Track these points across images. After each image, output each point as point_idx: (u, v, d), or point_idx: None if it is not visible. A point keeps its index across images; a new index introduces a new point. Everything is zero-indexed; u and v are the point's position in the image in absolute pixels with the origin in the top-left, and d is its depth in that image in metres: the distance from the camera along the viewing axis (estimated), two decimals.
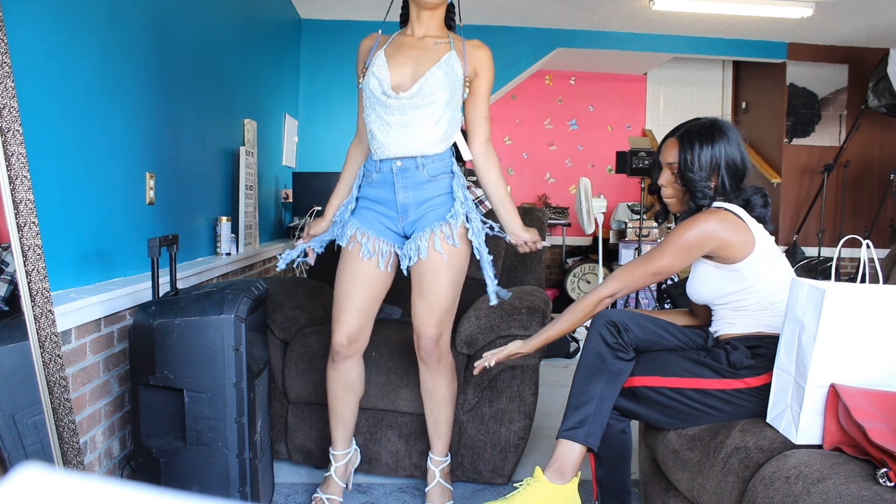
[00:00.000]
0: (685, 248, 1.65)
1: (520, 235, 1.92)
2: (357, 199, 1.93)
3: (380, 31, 1.90)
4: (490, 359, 1.83)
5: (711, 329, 1.77)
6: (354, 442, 2.13)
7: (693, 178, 1.70)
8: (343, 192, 1.99)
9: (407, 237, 1.91)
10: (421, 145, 1.83)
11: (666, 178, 1.78)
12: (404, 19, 1.94)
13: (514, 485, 1.73)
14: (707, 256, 1.69)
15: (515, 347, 1.83)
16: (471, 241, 1.89)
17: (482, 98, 1.92)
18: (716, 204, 1.70)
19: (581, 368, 1.69)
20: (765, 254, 1.64)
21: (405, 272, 1.90)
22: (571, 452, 1.65)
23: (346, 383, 1.99)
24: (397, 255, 1.91)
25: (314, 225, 2.02)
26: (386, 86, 1.79)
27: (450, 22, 1.93)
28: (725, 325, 1.72)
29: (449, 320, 1.95)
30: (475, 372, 1.88)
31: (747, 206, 1.70)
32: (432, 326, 1.90)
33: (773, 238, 1.71)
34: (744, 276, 1.64)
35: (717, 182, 1.71)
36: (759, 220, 1.69)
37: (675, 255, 1.66)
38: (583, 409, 1.64)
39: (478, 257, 1.89)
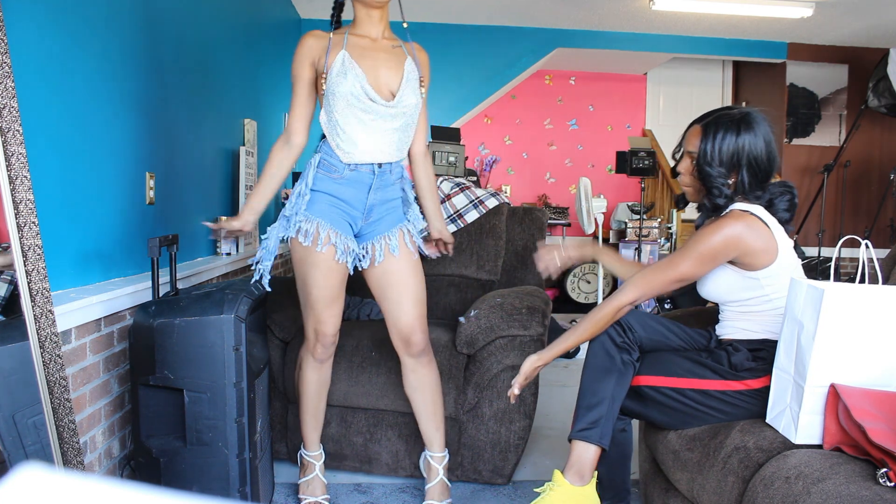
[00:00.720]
0: (709, 255, 1.58)
1: (442, 231, 2.04)
2: (312, 191, 1.85)
3: (331, 34, 1.83)
4: (515, 386, 1.78)
5: (717, 332, 1.76)
6: None
7: (710, 174, 1.61)
8: (266, 196, 1.90)
9: (356, 236, 1.92)
10: (401, 152, 1.89)
11: (685, 167, 1.70)
12: (338, 20, 1.91)
13: (536, 490, 1.72)
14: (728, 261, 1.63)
15: (531, 364, 1.76)
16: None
17: (424, 101, 1.94)
18: (739, 206, 1.61)
19: (590, 367, 1.67)
20: (785, 262, 1.59)
21: (358, 269, 1.91)
22: (588, 453, 1.63)
23: (326, 382, 2.05)
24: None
25: (230, 221, 1.90)
26: (369, 90, 1.77)
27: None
28: (731, 329, 1.70)
29: (426, 318, 2.00)
30: (512, 401, 1.83)
31: (770, 207, 1.62)
32: (420, 322, 1.94)
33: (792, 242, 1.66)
34: (761, 285, 1.60)
35: (736, 180, 1.63)
36: (782, 222, 1.62)
37: (698, 261, 1.59)
38: (595, 409, 1.63)
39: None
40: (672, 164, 1.78)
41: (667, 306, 4.65)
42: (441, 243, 2.06)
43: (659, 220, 5.36)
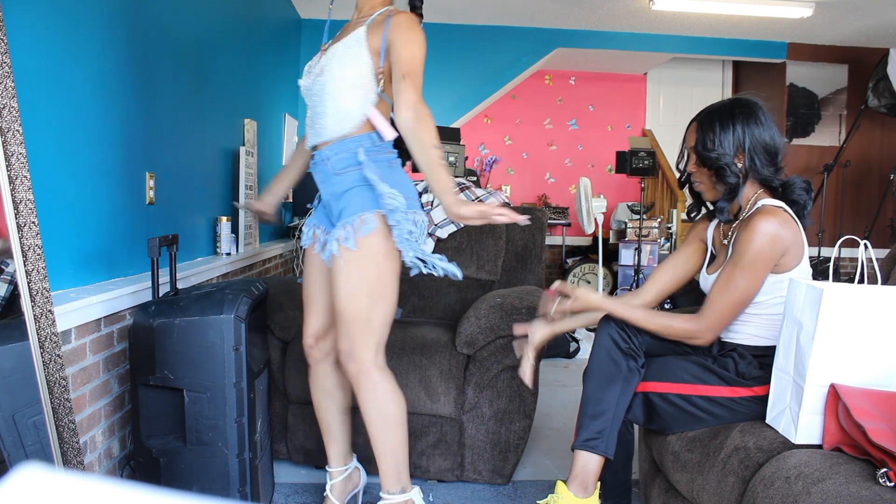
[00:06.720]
0: (763, 263, 1.52)
1: (455, 213, 1.51)
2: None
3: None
4: (528, 355, 1.74)
5: (722, 334, 1.72)
6: (356, 459, 2.04)
7: (714, 157, 1.59)
8: (287, 179, 2.02)
9: None
10: (324, 130, 1.69)
11: (692, 164, 1.68)
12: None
13: (538, 502, 1.71)
14: None
15: (541, 334, 1.74)
16: (386, 244, 1.64)
17: (399, 62, 1.60)
18: (768, 201, 1.58)
19: (594, 374, 1.65)
20: (807, 266, 1.57)
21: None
22: (591, 464, 1.62)
23: (323, 390, 1.92)
24: None
25: (257, 202, 2.06)
26: (305, 70, 1.80)
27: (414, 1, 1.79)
28: (737, 335, 1.67)
29: (361, 334, 1.65)
30: (528, 381, 1.77)
31: (786, 188, 1.59)
32: (340, 339, 1.71)
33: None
34: (784, 287, 1.54)
35: (744, 162, 1.60)
36: (799, 206, 1.59)
37: (753, 273, 1.53)
38: (600, 418, 1.61)
39: (408, 264, 1.64)
40: (678, 175, 1.77)
41: (666, 306, 4.65)
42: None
43: (659, 219, 5.36)
